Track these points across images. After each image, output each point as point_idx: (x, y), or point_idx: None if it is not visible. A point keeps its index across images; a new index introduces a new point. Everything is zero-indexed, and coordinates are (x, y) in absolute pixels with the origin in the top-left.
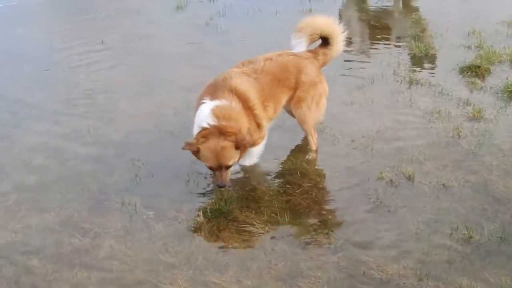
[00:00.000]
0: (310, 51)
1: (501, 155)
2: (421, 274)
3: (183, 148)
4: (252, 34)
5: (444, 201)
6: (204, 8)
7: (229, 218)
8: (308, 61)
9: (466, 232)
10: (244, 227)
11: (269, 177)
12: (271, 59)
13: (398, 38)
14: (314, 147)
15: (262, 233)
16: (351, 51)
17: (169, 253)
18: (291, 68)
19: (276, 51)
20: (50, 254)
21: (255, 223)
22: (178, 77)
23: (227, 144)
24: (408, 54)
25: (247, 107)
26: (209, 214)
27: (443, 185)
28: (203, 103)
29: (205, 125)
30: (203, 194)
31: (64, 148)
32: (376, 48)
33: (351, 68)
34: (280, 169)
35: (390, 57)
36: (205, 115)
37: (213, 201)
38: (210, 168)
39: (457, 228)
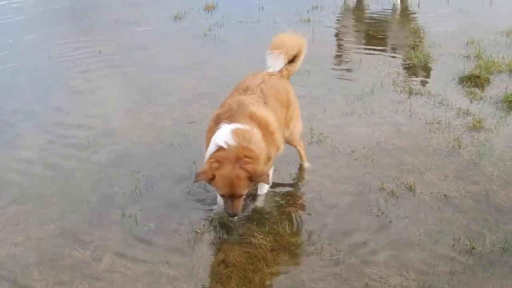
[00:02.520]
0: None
1: (502, 165)
2: (424, 285)
3: (196, 181)
4: (250, 45)
5: (445, 212)
6: (202, 18)
7: (230, 229)
8: (284, 79)
9: (469, 243)
10: (245, 238)
11: (269, 189)
12: (263, 82)
13: (394, 48)
14: (305, 157)
15: (264, 245)
16: (349, 61)
17: (170, 265)
18: (281, 89)
19: (252, 73)
20: (50, 266)
21: (256, 234)
22: (177, 88)
23: (243, 174)
24: (407, 64)
25: (268, 132)
26: (210, 226)
27: (445, 195)
28: (219, 128)
29: (223, 145)
30: (204, 206)
31: (63, 160)
32: (374, 58)
33: (349, 78)
34: (281, 180)
35: (389, 67)
36: (223, 135)
37: (214, 212)
38: (222, 195)
39: (459, 239)
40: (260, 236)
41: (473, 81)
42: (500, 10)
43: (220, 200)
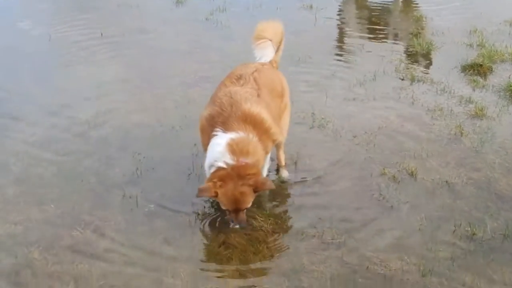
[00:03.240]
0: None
1: (503, 153)
2: (425, 270)
3: (198, 196)
4: (252, 30)
5: (447, 198)
6: (204, 3)
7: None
8: (276, 69)
9: (469, 229)
10: (246, 220)
11: (270, 172)
12: (256, 71)
13: (396, 35)
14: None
15: (265, 227)
16: (351, 48)
17: (171, 246)
18: (275, 77)
19: (243, 64)
20: (51, 246)
21: (257, 217)
22: (178, 72)
23: (247, 189)
24: (410, 52)
25: (264, 129)
26: (211, 208)
27: (446, 182)
28: (215, 135)
29: (222, 165)
30: None
31: (64, 141)
32: (377, 45)
33: (352, 64)
34: None
35: (392, 54)
36: (220, 152)
37: None
38: (226, 209)
39: (460, 225)
40: (261, 219)
41: (476, 70)
42: (504, 0)
43: None
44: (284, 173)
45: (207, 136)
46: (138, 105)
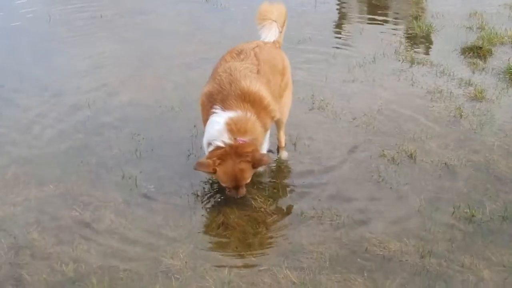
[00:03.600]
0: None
1: (503, 135)
2: (424, 251)
3: (195, 169)
4: (252, 12)
5: (446, 180)
6: None
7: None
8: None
9: (468, 211)
10: (246, 201)
11: (270, 153)
12: (257, 46)
13: (396, 17)
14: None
15: (264, 208)
16: (351, 30)
17: (170, 227)
18: (276, 55)
19: (246, 42)
20: (50, 227)
21: (256, 197)
22: (178, 53)
23: (245, 166)
24: (410, 34)
25: (263, 107)
26: (211, 188)
27: (445, 163)
28: (214, 112)
29: (220, 144)
30: None
31: (63, 122)
32: (377, 27)
33: (351, 46)
34: None
35: (391, 36)
36: (218, 130)
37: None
38: (225, 186)
39: (459, 207)
40: (261, 200)
41: (476, 52)
42: None
43: None
44: (284, 154)
45: (206, 112)
46: (137, 86)
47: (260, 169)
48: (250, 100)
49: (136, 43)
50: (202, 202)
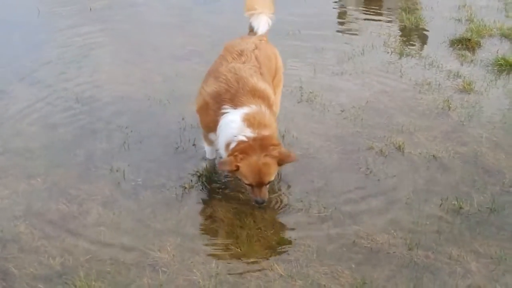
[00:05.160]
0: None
1: (491, 127)
2: (411, 243)
3: (220, 169)
4: (241, 3)
5: (434, 172)
6: None
7: (218, 185)
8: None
9: (456, 203)
10: (234, 194)
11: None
12: (257, 48)
13: (390, 9)
14: None
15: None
16: (341, 22)
17: (158, 220)
18: (271, 55)
19: (241, 38)
20: (37, 220)
21: (244, 190)
22: (167, 45)
23: (270, 160)
24: (399, 26)
25: (269, 105)
26: (198, 181)
27: (433, 156)
28: (225, 113)
29: (243, 139)
30: (193, 162)
31: (51, 115)
32: (366, 19)
33: (340, 38)
34: None
35: (381, 28)
36: (238, 128)
37: (202, 168)
38: (249, 184)
39: (447, 199)
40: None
41: (464, 44)
42: None
43: (209, 155)
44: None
45: (211, 113)
46: (126, 79)
47: None
48: (260, 96)
49: (125, 35)
50: (189, 195)
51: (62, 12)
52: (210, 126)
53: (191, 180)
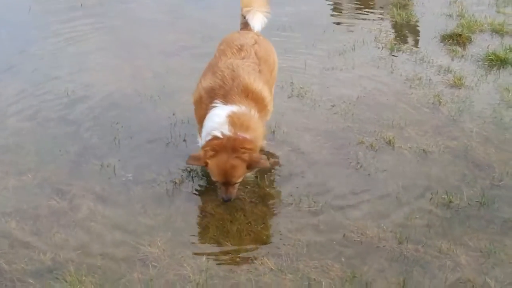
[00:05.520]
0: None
1: (481, 122)
2: (401, 237)
3: (188, 163)
4: (232, 0)
5: (424, 166)
6: None
7: (208, 180)
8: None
9: (446, 197)
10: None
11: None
12: (256, 43)
13: (381, 6)
14: None
15: (242, 195)
16: (332, 17)
17: (148, 215)
18: (270, 51)
19: (238, 31)
20: (28, 216)
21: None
22: (158, 42)
23: (239, 163)
24: (390, 22)
25: (263, 106)
26: (189, 176)
27: (423, 150)
28: (215, 106)
29: (219, 135)
30: (183, 157)
31: (42, 111)
32: (358, 15)
33: (332, 34)
34: None
35: (372, 24)
36: (219, 122)
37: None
38: (216, 181)
39: (437, 193)
40: (239, 187)
41: (455, 40)
42: None
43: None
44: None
45: (205, 107)
46: (116, 75)
47: (250, 174)
48: (253, 98)
49: (116, 31)
50: (180, 190)
51: (53, 9)
52: (202, 120)
53: (182, 176)
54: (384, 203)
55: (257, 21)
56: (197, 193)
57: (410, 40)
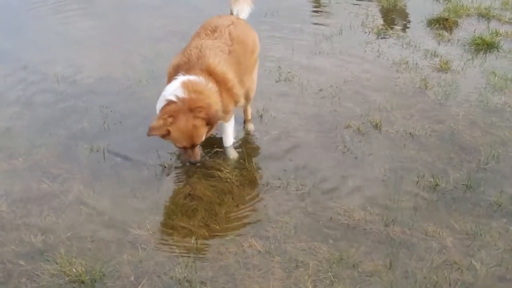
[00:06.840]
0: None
1: (467, 105)
2: (388, 220)
3: (149, 134)
4: None
5: (410, 149)
6: None
7: (197, 164)
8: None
9: (432, 180)
10: (212, 172)
11: (237, 125)
12: (232, 24)
13: None
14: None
15: (230, 179)
16: (319, 2)
17: (137, 198)
18: (250, 33)
19: (219, 15)
20: (19, 199)
21: (222, 168)
22: (146, 26)
23: (199, 122)
24: (377, 6)
25: (226, 88)
26: (177, 160)
27: (410, 133)
28: (175, 79)
29: (172, 98)
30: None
31: (32, 95)
32: (345, 0)
33: (319, 19)
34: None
35: (359, 8)
36: (173, 88)
37: None
38: (181, 147)
39: (424, 176)
40: (227, 170)
41: (442, 24)
42: None
43: None
44: (250, 127)
45: (170, 82)
46: (105, 59)
47: (231, 156)
48: (214, 78)
49: (104, 16)
50: (169, 174)
51: None
52: None
53: (170, 159)
54: (371, 186)
55: (242, 10)
56: (185, 176)
57: (397, 24)
